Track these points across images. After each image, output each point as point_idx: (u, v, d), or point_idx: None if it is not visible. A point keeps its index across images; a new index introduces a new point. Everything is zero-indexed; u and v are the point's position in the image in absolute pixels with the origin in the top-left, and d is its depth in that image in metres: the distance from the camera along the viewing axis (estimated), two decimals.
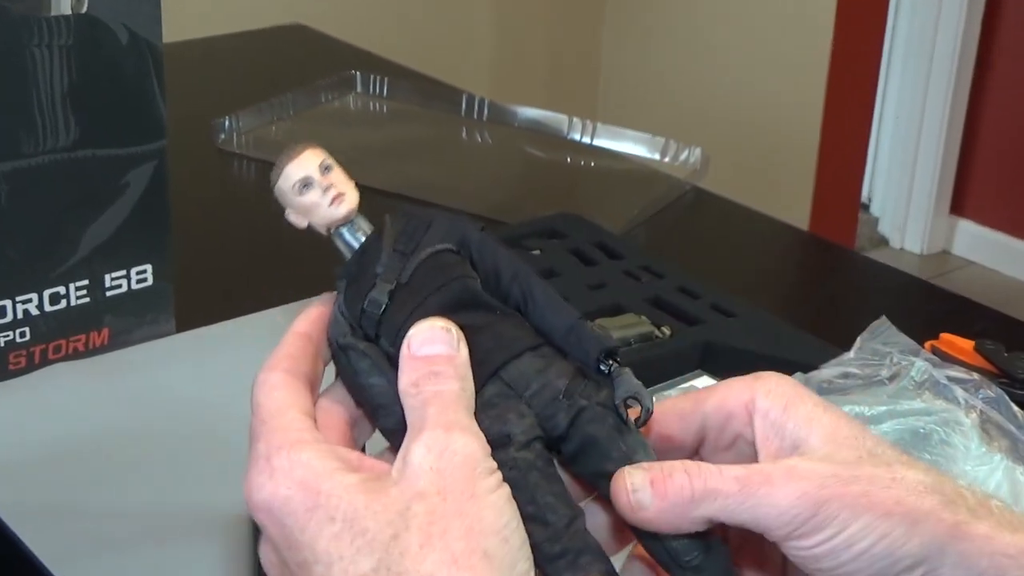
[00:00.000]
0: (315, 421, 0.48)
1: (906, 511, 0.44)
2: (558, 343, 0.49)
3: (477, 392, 0.47)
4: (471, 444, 0.45)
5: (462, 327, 0.48)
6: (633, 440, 0.47)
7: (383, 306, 0.49)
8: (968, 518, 0.45)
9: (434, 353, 0.47)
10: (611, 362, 0.48)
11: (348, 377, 0.50)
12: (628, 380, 0.48)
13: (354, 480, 0.44)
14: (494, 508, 0.43)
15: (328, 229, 0.51)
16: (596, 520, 0.49)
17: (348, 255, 0.51)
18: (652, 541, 0.47)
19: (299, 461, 0.45)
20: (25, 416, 0.81)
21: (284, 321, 0.93)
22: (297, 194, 0.50)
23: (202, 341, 0.91)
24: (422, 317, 0.48)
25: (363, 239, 0.51)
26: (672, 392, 0.82)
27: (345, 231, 0.51)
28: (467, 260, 0.51)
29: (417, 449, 0.44)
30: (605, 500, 0.48)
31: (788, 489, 0.44)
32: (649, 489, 0.45)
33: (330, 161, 0.50)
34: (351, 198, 0.50)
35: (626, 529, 0.48)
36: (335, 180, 0.50)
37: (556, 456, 0.48)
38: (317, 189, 0.50)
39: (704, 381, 0.87)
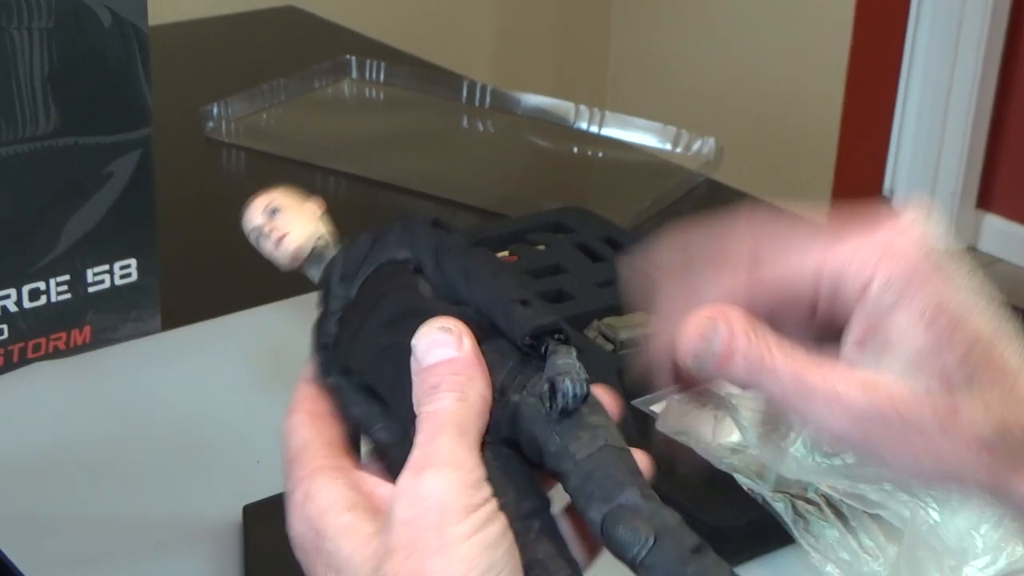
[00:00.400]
0: (343, 447, 0.49)
1: (944, 468, 0.46)
2: (501, 330, 0.48)
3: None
4: (441, 484, 0.43)
5: (397, 344, 0.48)
6: (569, 427, 0.45)
7: (334, 336, 0.50)
8: (1011, 472, 0.46)
9: (433, 362, 0.46)
10: (545, 341, 0.46)
11: (338, 411, 0.51)
12: (556, 360, 0.45)
13: (346, 521, 0.45)
14: (464, 561, 0.42)
15: (299, 270, 0.52)
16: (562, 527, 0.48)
17: None
18: (600, 530, 0.45)
19: (310, 494, 0.46)
20: (2, 419, 0.81)
21: (276, 318, 0.94)
22: (256, 245, 0.52)
23: (190, 340, 0.91)
24: (365, 339, 0.49)
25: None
26: (683, 395, 0.82)
27: (312, 268, 0.52)
28: (414, 267, 0.51)
29: (394, 499, 0.44)
30: (568, 512, 0.47)
31: (830, 411, 0.46)
32: (719, 342, 0.47)
33: (280, 202, 0.52)
34: (295, 237, 0.52)
35: (593, 540, 0.47)
36: (279, 223, 0.52)
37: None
38: (265, 236, 0.52)
39: (718, 384, 0.86)
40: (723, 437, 0.75)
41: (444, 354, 0.46)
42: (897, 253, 0.47)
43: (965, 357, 0.46)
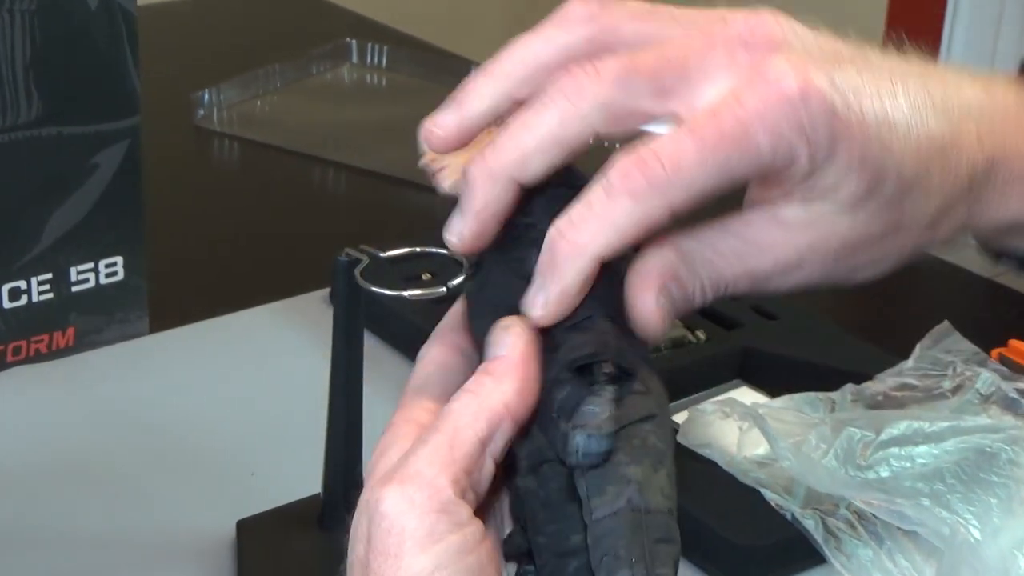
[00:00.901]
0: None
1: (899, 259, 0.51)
2: None
3: None
4: (399, 505, 0.41)
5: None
6: (598, 477, 0.42)
7: (469, 295, 0.49)
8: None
9: (486, 361, 0.45)
10: (591, 372, 0.44)
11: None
12: (584, 406, 0.43)
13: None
14: None
15: None
16: None
17: None
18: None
19: (381, 448, 0.45)
20: None
21: (272, 321, 0.94)
22: None
23: (179, 343, 0.91)
24: (477, 315, 0.48)
25: None
26: (707, 405, 0.82)
27: None
28: (533, 236, 0.48)
29: (358, 509, 0.42)
30: None
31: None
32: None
33: None
34: (450, 173, 0.52)
35: None
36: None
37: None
38: (427, 168, 0.52)
39: (743, 392, 0.87)
40: (749, 450, 0.75)
41: (494, 354, 0.45)
42: (810, 119, 0.46)
43: (900, 179, 0.47)
